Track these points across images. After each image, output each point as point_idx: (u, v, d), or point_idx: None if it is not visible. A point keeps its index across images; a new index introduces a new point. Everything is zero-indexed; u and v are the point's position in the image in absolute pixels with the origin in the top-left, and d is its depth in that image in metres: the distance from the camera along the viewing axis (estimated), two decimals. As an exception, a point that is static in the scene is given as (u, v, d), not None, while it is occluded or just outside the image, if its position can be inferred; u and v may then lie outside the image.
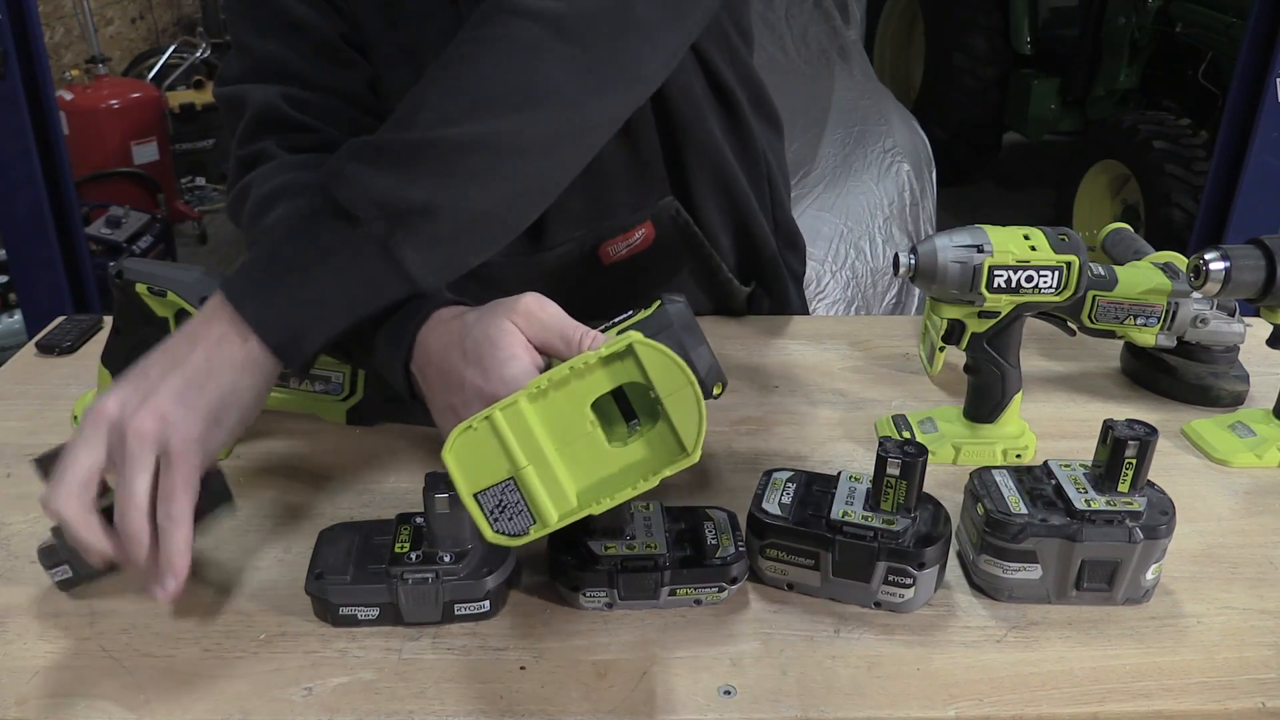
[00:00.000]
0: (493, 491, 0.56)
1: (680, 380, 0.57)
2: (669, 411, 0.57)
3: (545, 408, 0.57)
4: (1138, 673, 0.63)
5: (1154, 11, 3.69)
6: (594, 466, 0.58)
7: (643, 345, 0.56)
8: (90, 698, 0.60)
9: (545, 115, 0.69)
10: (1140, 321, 0.92)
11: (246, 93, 0.87)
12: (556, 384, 0.57)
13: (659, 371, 0.57)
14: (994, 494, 0.69)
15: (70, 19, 4.15)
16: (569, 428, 0.57)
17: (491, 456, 0.57)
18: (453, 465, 0.57)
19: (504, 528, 0.57)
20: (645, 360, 0.57)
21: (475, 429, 0.57)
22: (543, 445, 0.57)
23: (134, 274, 0.79)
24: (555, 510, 0.57)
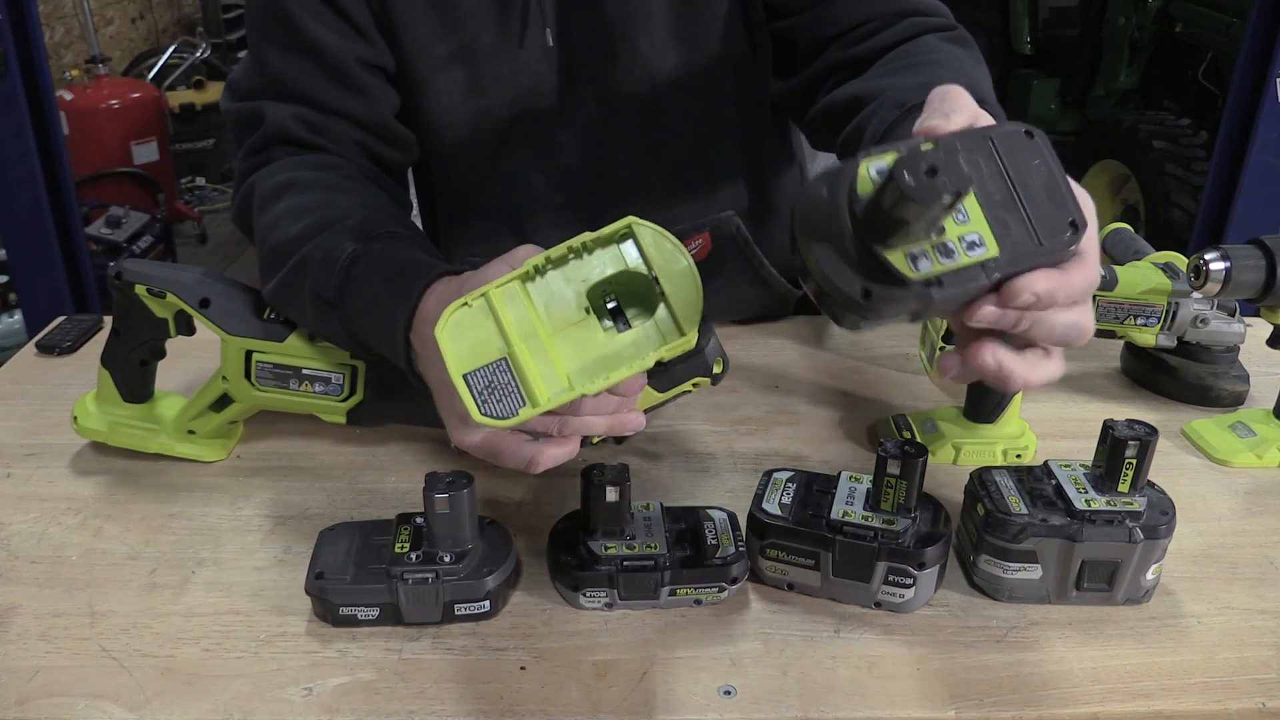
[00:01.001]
0: (483, 372, 0.55)
1: (678, 260, 0.56)
2: (666, 292, 0.56)
3: (541, 288, 0.56)
4: (1138, 673, 0.63)
5: (1154, 11, 3.69)
6: (588, 349, 0.56)
7: (640, 225, 0.56)
8: (90, 698, 0.60)
9: None
10: (1140, 321, 0.92)
11: (262, 109, 0.87)
12: (554, 262, 0.56)
13: (656, 251, 0.56)
14: (994, 494, 0.69)
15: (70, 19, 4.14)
16: (564, 311, 0.56)
17: (484, 336, 0.55)
18: (444, 343, 0.55)
19: (492, 410, 0.55)
20: (643, 240, 0.56)
21: (470, 305, 0.56)
22: (537, 325, 0.56)
23: (133, 275, 0.79)
24: (546, 390, 0.55)
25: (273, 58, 0.88)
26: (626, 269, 0.56)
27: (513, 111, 0.94)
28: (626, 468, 0.67)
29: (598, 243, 0.56)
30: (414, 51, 0.90)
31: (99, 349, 0.83)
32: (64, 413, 0.86)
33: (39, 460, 0.85)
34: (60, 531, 0.75)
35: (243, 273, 0.80)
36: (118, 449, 0.84)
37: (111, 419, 0.83)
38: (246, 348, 0.79)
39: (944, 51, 0.82)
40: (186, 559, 0.72)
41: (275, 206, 0.81)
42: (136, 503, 0.79)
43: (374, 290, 0.71)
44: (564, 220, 0.99)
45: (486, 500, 0.79)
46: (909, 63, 0.80)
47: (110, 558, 0.72)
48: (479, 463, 0.84)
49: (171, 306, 0.80)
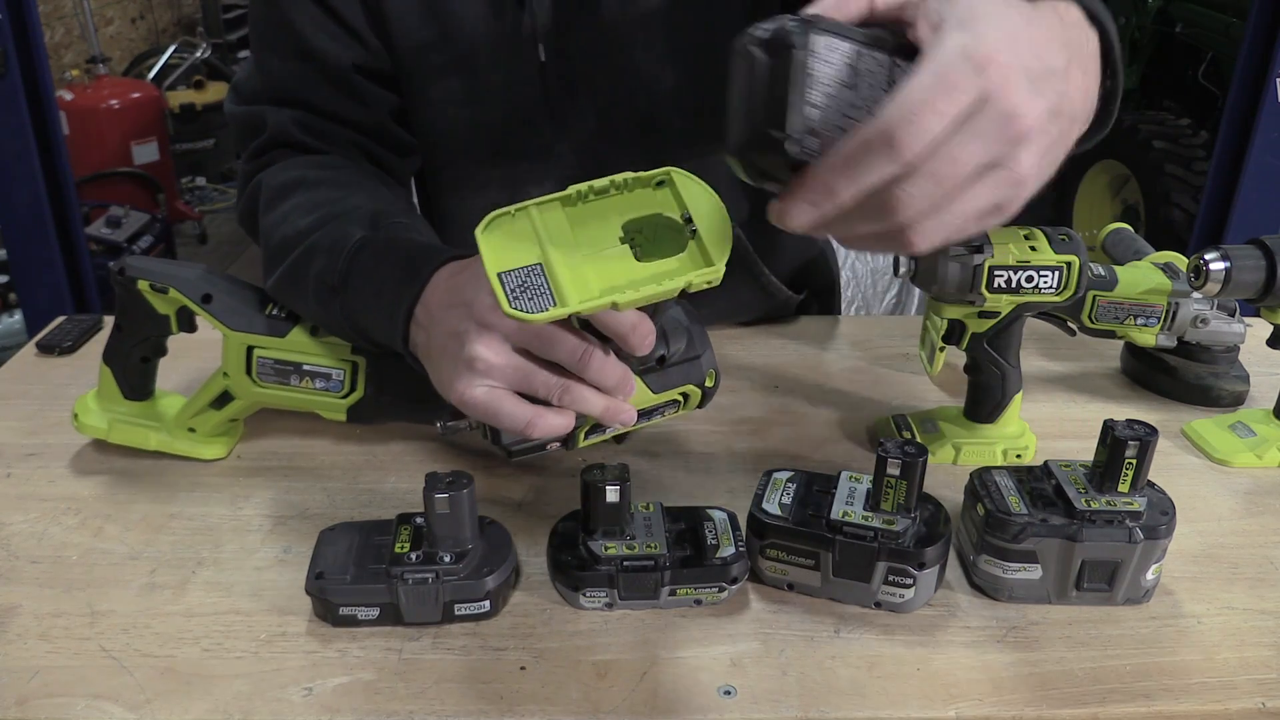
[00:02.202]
0: (518, 273, 0.57)
1: (712, 201, 0.58)
2: (702, 232, 0.58)
3: (579, 214, 0.59)
4: (1138, 673, 0.63)
5: (1154, 11, 3.70)
6: (620, 272, 0.58)
7: (680, 174, 0.59)
8: (90, 698, 0.60)
9: None
10: (1140, 321, 0.92)
11: (264, 114, 0.88)
12: (596, 191, 0.58)
13: (693, 194, 0.58)
14: (994, 494, 0.69)
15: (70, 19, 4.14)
16: (599, 238, 0.58)
17: (522, 241, 0.57)
18: (483, 243, 0.57)
19: (522, 305, 0.56)
20: (681, 186, 0.58)
21: (513, 215, 0.58)
22: (573, 243, 0.58)
23: (136, 271, 0.79)
24: (577, 294, 0.56)
25: (274, 64, 0.89)
26: (660, 213, 0.59)
27: (509, 122, 0.94)
28: (626, 468, 0.67)
29: (639, 182, 0.59)
30: (410, 60, 0.91)
31: (99, 349, 0.83)
32: (64, 413, 0.86)
33: (39, 460, 0.85)
34: (60, 531, 0.75)
35: (243, 272, 0.80)
36: (118, 449, 0.84)
37: (112, 416, 0.83)
38: (248, 343, 0.79)
39: None
40: (186, 559, 0.72)
41: (284, 203, 0.82)
42: (136, 503, 0.79)
43: (379, 274, 0.72)
44: None
45: (486, 500, 0.79)
46: None
47: (110, 558, 0.72)
48: (479, 463, 0.85)
49: (174, 302, 0.80)
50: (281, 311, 0.80)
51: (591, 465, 0.68)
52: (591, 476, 0.67)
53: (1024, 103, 0.46)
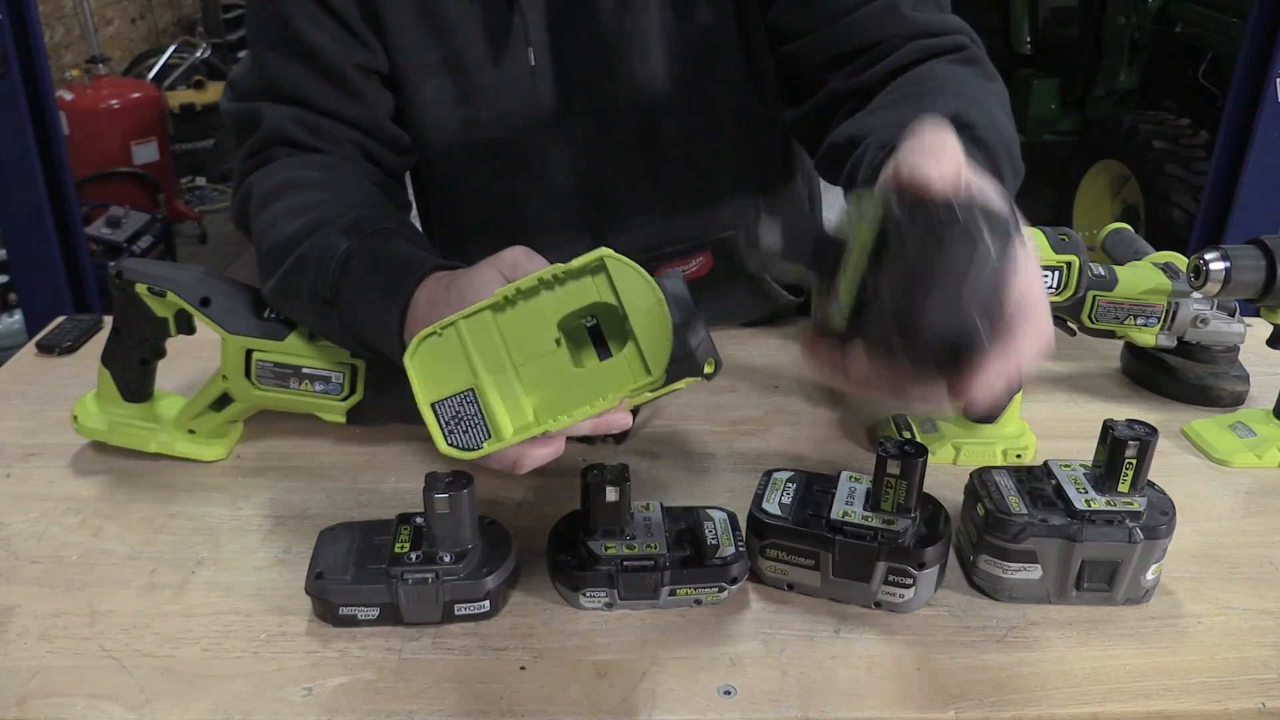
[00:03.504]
0: (451, 402, 0.56)
1: (650, 298, 0.56)
2: (635, 330, 0.55)
3: (511, 320, 0.57)
4: (1138, 673, 0.63)
5: (1154, 11, 3.69)
6: (555, 384, 0.56)
7: (613, 259, 0.56)
8: (90, 698, 0.60)
9: None
10: (1140, 321, 0.92)
11: (260, 111, 0.88)
12: (524, 293, 0.57)
13: (628, 287, 0.56)
14: (994, 494, 0.69)
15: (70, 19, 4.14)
16: (533, 343, 0.57)
17: (452, 365, 0.56)
18: (413, 372, 0.56)
19: (458, 440, 0.56)
20: (615, 274, 0.56)
21: (440, 335, 0.56)
22: (504, 358, 0.56)
23: (134, 274, 0.79)
24: (511, 424, 0.56)
25: (270, 61, 0.88)
26: (598, 302, 0.57)
27: (504, 127, 0.94)
28: (626, 468, 0.67)
29: (569, 275, 0.57)
30: (403, 58, 0.91)
31: (99, 349, 0.83)
32: (64, 413, 0.86)
33: (39, 460, 0.85)
34: (60, 531, 0.75)
35: (243, 273, 0.80)
36: (118, 449, 0.84)
37: (112, 418, 0.83)
38: (247, 346, 0.79)
39: (948, 76, 0.79)
40: (186, 559, 0.72)
41: (273, 206, 0.81)
42: (136, 503, 0.79)
43: (368, 287, 0.71)
44: (562, 239, 0.99)
45: (486, 500, 0.79)
46: (905, 94, 0.78)
47: (110, 558, 0.72)
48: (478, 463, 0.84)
49: (172, 305, 0.80)
50: (280, 314, 0.80)
51: (591, 465, 0.68)
52: (591, 476, 0.67)
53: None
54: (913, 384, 0.50)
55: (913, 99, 0.75)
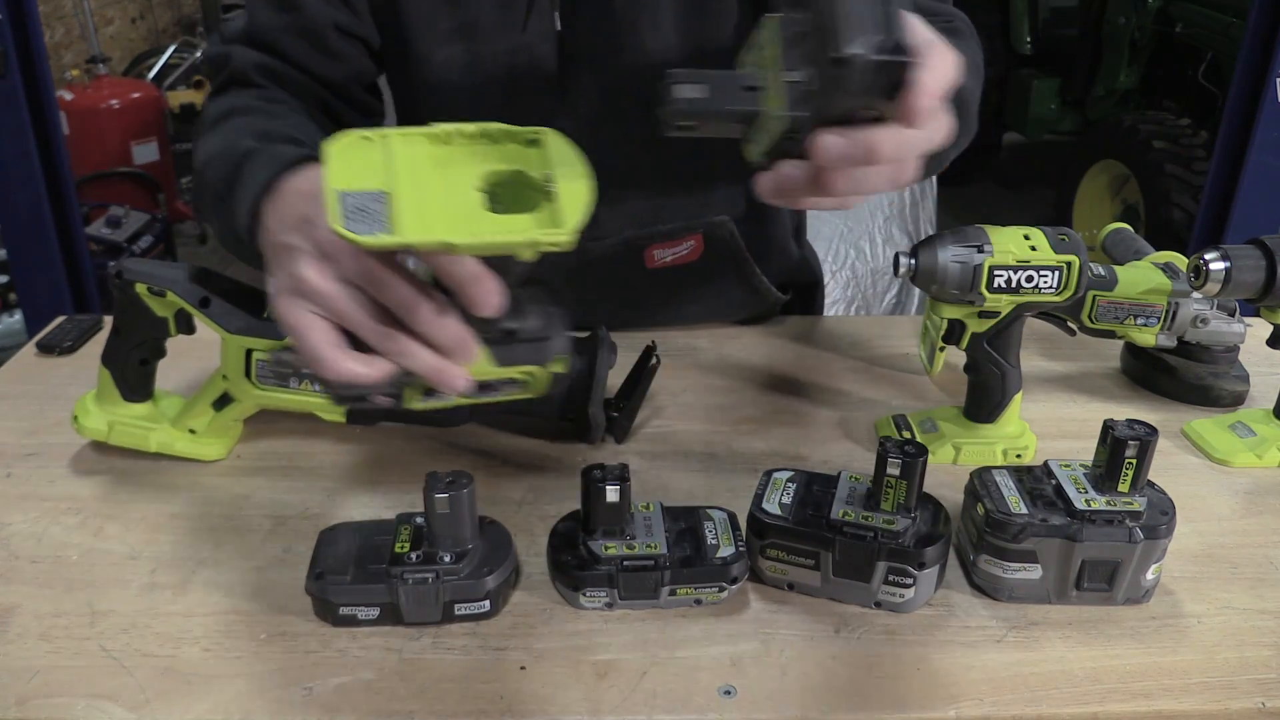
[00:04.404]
0: (360, 196, 0.54)
1: (579, 171, 0.57)
2: (561, 192, 0.56)
3: (442, 155, 0.57)
4: (1138, 673, 0.63)
5: (1154, 11, 3.70)
6: (467, 217, 0.55)
7: (555, 136, 0.58)
8: (90, 698, 0.60)
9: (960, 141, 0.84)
10: (1140, 321, 0.92)
11: (232, 53, 0.91)
12: (465, 136, 0.57)
13: (561, 157, 0.57)
14: (994, 494, 0.69)
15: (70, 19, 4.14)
16: (457, 183, 0.56)
17: (372, 168, 0.55)
18: (332, 157, 0.55)
19: (353, 226, 0.53)
20: (553, 148, 0.57)
21: (370, 140, 0.56)
22: (424, 180, 0.56)
23: (134, 274, 0.79)
24: (414, 229, 0.54)
25: (258, 10, 0.91)
26: (525, 170, 0.57)
27: (511, 90, 0.95)
28: (626, 467, 0.67)
29: (510, 136, 0.58)
30: (418, 26, 0.92)
31: (99, 349, 0.83)
32: (64, 413, 0.86)
33: (39, 460, 0.85)
34: (60, 531, 0.75)
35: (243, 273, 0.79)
36: (118, 449, 0.84)
37: (112, 418, 0.83)
38: (246, 346, 0.79)
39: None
40: (186, 559, 0.72)
41: (214, 130, 0.83)
42: (136, 503, 0.79)
43: (253, 176, 0.70)
44: None
45: (486, 500, 0.79)
46: None
47: (110, 558, 0.72)
48: (479, 463, 0.85)
49: (172, 305, 0.80)
50: None
51: (591, 465, 0.68)
52: (591, 476, 0.67)
53: None
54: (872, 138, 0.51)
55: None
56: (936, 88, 0.51)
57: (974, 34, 0.88)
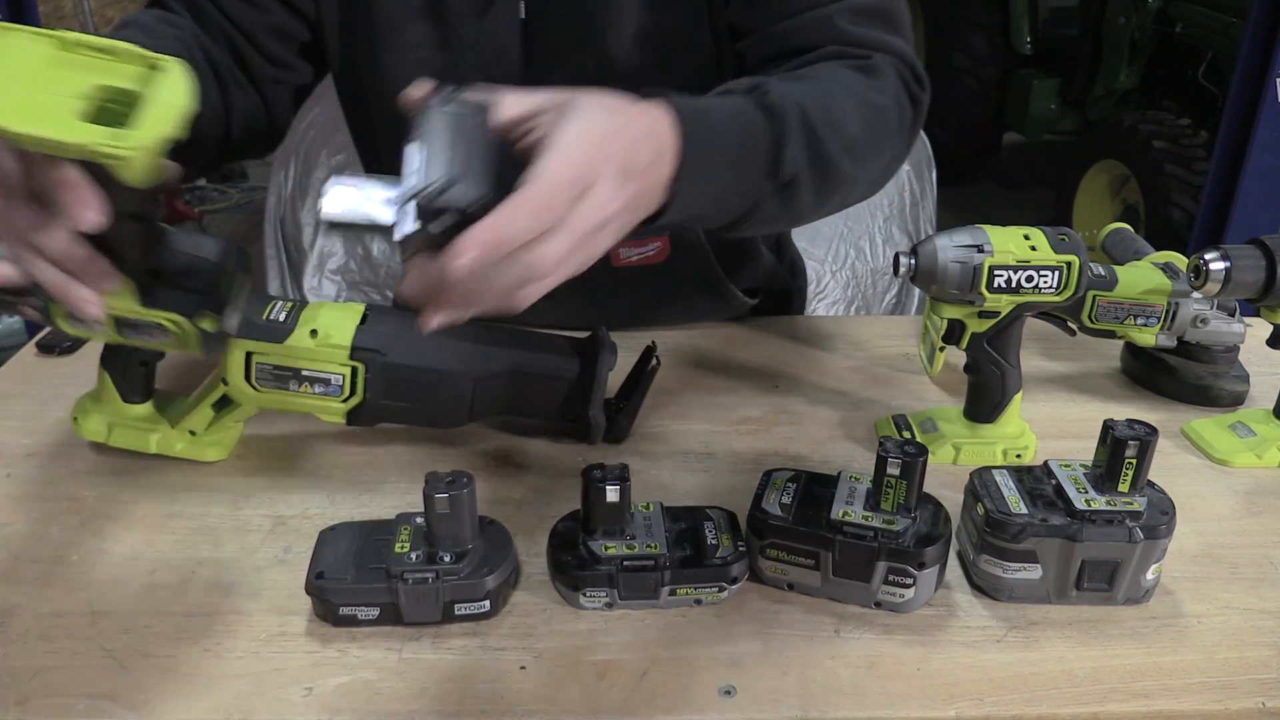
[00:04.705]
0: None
1: (177, 105, 0.56)
2: (146, 116, 0.55)
3: (63, 60, 0.56)
4: (1138, 673, 0.63)
5: (1154, 11, 3.69)
6: (49, 114, 0.54)
7: (179, 69, 0.56)
8: (90, 698, 0.60)
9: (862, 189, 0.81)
10: (1140, 321, 0.92)
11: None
12: (93, 48, 0.56)
13: (173, 90, 0.56)
14: (994, 494, 0.69)
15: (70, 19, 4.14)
16: (63, 85, 0.55)
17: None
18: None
19: None
20: (171, 77, 0.56)
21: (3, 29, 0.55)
22: (24, 75, 0.54)
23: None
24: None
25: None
26: (135, 89, 0.56)
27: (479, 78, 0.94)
28: (626, 467, 0.67)
29: (137, 58, 0.56)
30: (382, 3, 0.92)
31: (99, 349, 0.83)
32: (64, 413, 0.86)
33: (39, 460, 0.85)
34: (60, 531, 0.75)
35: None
36: (118, 449, 0.84)
37: (111, 419, 0.83)
38: (246, 349, 0.79)
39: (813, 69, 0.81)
40: (186, 559, 0.72)
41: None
42: (136, 503, 0.79)
43: None
44: None
45: (486, 500, 0.79)
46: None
47: (110, 558, 0.72)
48: (479, 463, 0.85)
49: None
50: (280, 315, 0.80)
51: (591, 465, 0.68)
52: (591, 476, 0.67)
53: (609, 194, 0.57)
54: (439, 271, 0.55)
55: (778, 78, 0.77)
56: (487, 238, 0.54)
57: (893, 71, 0.83)
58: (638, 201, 0.61)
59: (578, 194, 0.56)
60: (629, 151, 0.59)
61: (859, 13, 0.84)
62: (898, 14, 0.86)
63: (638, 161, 0.60)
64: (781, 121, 0.70)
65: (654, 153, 0.62)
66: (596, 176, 0.57)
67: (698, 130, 0.65)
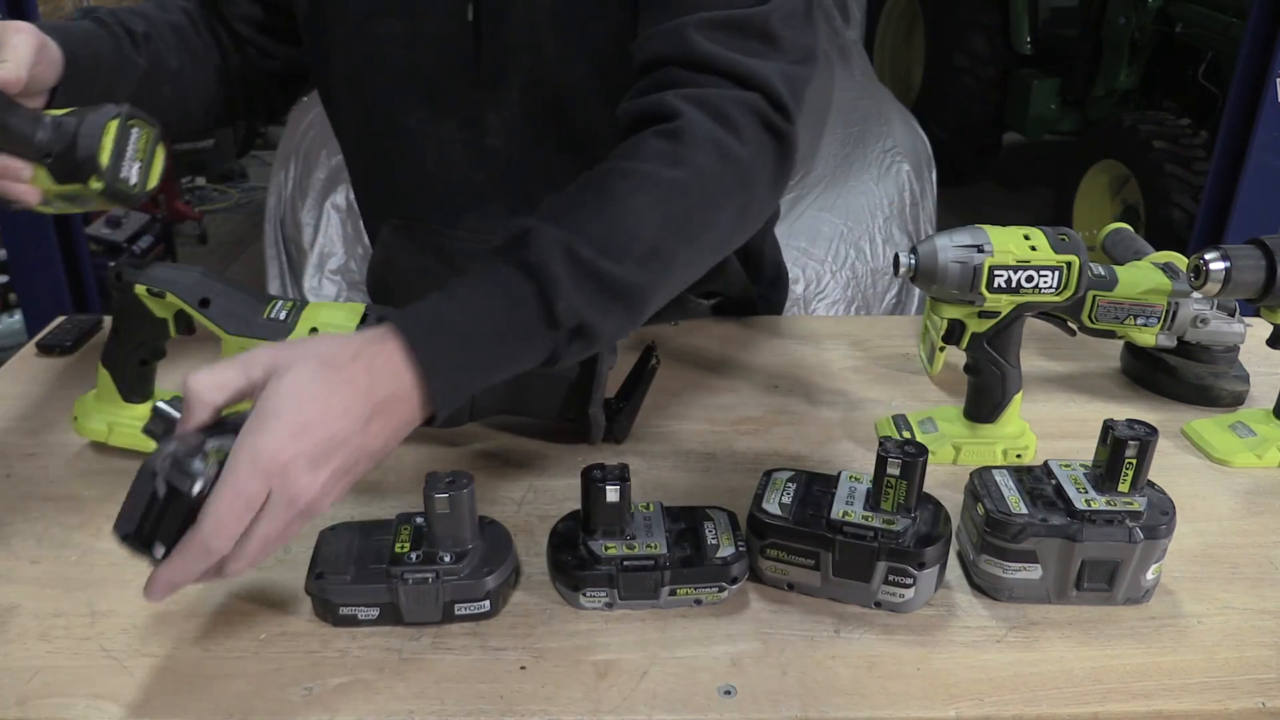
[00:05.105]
0: None
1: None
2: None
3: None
4: (1138, 673, 0.63)
5: (1154, 11, 3.69)
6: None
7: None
8: (90, 698, 0.60)
9: (710, 258, 0.75)
10: (1140, 321, 0.92)
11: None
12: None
13: None
14: (994, 494, 0.69)
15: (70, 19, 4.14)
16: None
17: None
18: None
19: None
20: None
21: None
22: None
23: (133, 275, 0.79)
24: None
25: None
26: None
27: (441, 76, 0.95)
28: (626, 467, 0.67)
29: None
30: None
31: (99, 349, 0.83)
32: (64, 413, 0.86)
33: (39, 460, 0.85)
34: (60, 531, 0.75)
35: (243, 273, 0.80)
36: (118, 449, 0.84)
37: (111, 419, 0.83)
38: (246, 347, 0.79)
39: (611, 175, 0.71)
40: (186, 559, 0.72)
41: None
42: (136, 503, 0.79)
43: None
44: (484, 197, 0.98)
45: (486, 500, 0.79)
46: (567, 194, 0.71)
47: (110, 558, 0.72)
48: (479, 463, 0.85)
49: (171, 306, 0.80)
50: (280, 314, 0.80)
51: (591, 465, 0.68)
52: (591, 476, 0.67)
53: (306, 484, 0.57)
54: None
55: (562, 203, 0.71)
56: (169, 579, 0.57)
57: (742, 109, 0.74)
58: (371, 443, 0.61)
59: (254, 508, 0.57)
60: (335, 424, 0.59)
61: (720, 25, 0.75)
62: (773, 27, 0.76)
63: (344, 430, 0.59)
64: (542, 276, 0.64)
65: (384, 397, 0.61)
66: (277, 480, 0.57)
67: (437, 343, 0.63)
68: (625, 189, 0.70)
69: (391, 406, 0.61)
